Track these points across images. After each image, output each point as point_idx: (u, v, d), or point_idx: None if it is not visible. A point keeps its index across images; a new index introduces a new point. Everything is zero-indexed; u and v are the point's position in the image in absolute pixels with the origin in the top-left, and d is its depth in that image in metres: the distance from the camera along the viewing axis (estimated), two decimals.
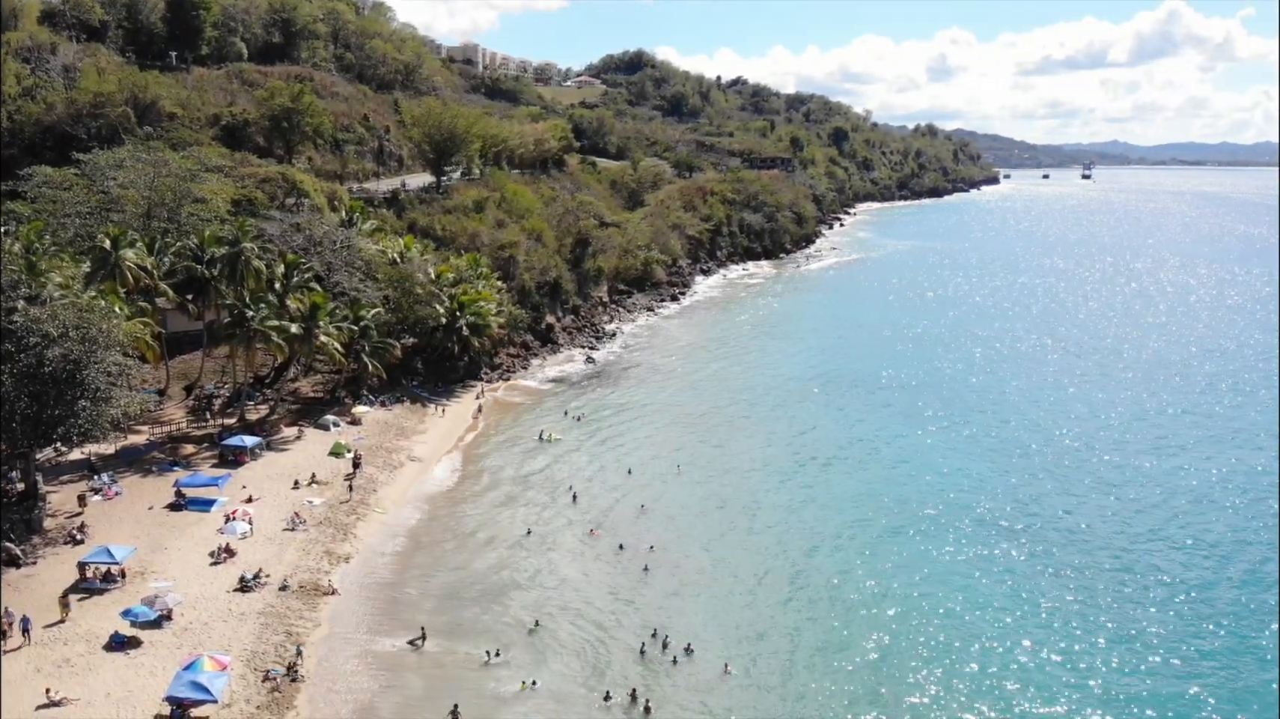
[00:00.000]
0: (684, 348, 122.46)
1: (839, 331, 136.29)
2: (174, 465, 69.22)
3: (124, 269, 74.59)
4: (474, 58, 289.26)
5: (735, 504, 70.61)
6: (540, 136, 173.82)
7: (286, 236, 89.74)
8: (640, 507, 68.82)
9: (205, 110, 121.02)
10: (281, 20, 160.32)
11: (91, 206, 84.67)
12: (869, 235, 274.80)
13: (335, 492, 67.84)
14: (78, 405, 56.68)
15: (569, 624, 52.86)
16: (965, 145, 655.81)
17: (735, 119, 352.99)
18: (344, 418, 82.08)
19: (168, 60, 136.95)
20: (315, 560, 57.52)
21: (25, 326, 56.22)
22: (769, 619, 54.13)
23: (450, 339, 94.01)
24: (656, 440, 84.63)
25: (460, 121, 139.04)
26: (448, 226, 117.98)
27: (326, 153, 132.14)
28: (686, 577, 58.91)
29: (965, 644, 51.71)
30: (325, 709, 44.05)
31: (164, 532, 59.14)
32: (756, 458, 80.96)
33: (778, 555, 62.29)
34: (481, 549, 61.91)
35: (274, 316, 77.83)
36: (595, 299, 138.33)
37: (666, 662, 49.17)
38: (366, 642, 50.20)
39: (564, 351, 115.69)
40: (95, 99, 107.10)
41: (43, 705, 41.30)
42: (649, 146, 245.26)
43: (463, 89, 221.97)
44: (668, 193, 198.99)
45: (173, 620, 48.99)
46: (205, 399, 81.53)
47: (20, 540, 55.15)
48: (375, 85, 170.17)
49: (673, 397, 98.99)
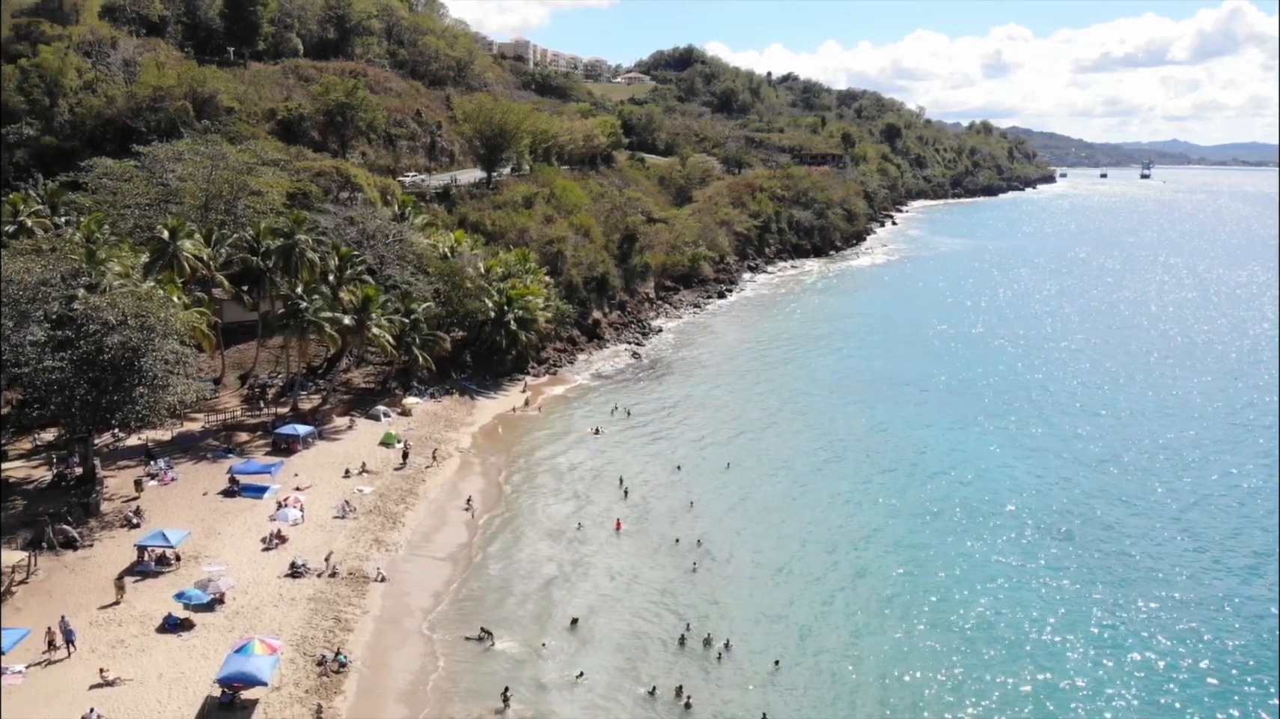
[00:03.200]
0: (731, 345, 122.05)
1: (889, 330, 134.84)
2: (228, 452, 70.59)
3: (182, 259, 76.20)
4: (525, 54, 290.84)
5: (783, 502, 70.24)
6: (589, 133, 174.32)
7: (340, 230, 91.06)
8: (689, 503, 68.79)
9: (262, 105, 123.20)
10: (336, 17, 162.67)
11: (151, 198, 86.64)
12: (921, 233, 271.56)
13: (385, 480, 68.72)
14: (136, 392, 58.02)
15: (618, 618, 53.00)
16: (1021, 143, 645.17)
17: (785, 115, 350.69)
18: (394, 409, 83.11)
19: (225, 55, 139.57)
20: (364, 548, 58.33)
21: (85, 314, 57.78)
22: (816, 618, 53.76)
23: (498, 333, 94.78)
24: (704, 437, 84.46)
25: (511, 118, 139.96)
26: (497, 222, 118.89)
27: (380, 148, 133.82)
28: (734, 573, 58.75)
29: (1020, 651, 50.89)
30: (373, 695, 44.65)
31: (218, 517, 60.34)
32: (806, 457, 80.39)
33: (827, 555, 61.87)
34: (531, 541, 62.31)
35: (327, 308, 78.99)
36: (642, 295, 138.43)
37: (711, 658, 49.14)
38: (414, 630, 50.84)
39: (610, 347, 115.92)
40: (155, 93, 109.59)
41: (97, 685, 42.30)
42: (698, 142, 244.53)
43: (513, 85, 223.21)
44: (716, 189, 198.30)
45: (225, 604, 49.98)
46: (260, 388, 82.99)
47: (78, 523, 56.56)
48: (428, 81, 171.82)
49: (719, 393, 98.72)
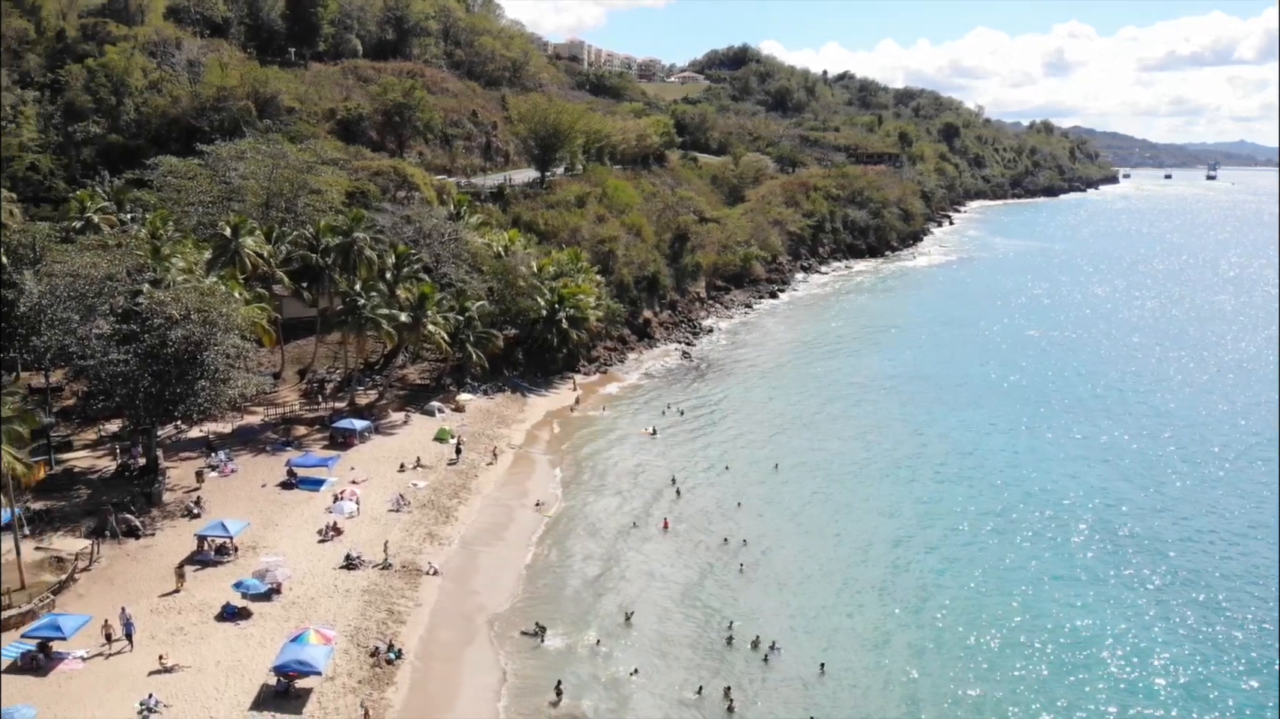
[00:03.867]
0: (782, 345, 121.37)
1: (944, 332, 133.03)
2: (286, 445, 71.87)
3: (243, 256, 77.75)
4: (579, 54, 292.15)
5: (832, 504, 69.73)
6: (642, 132, 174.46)
7: (397, 228, 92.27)
8: (737, 504, 68.58)
9: (322, 105, 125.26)
10: (395, 17, 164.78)
11: (214, 196, 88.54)
12: (979, 234, 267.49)
13: (439, 475, 69.49)
14: (198, 385, 59.42)
15: (667, 616, 53.06)
16: (1083, 143, 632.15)
17: (841, 114, 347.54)
18: (448, 405, 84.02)
19: (287, 56, 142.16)
20: (418, 542, 59.04)
21: (150, 309, 59.29)
22: (863, 622, 53.27)
23: (550, 331, 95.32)
24: (753, 437, 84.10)
25: (564, 118, 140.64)
26: (550, 221, 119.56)
27: (436, 147, 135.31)
28: (781, 575, 58.43)
29: (1075, 662, 49.88)
30: (424, 688, 45.16)
31: (275, 509, 61.49)
32: (855, 458, 79.71)
33: (875, 558, 61.22)
34: (582, 538, 62.59)
35: (384, 305, 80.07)
36: (693, 295, 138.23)
37: (758, 659, 48.96)
38: (466, 623, 51.33)
39: (660, 346, 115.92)
40: (218, 93, 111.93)
41: (156, 671, 43.26)
42: (751, 141, 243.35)
43: (568, 85, 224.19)
44: (769, 188, 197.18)
45: (281, 594, 50.89)
46: (318, 383, 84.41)
47: (140, 512, 58.02)
48: (483, 81, 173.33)
49: (770, 394, 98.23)
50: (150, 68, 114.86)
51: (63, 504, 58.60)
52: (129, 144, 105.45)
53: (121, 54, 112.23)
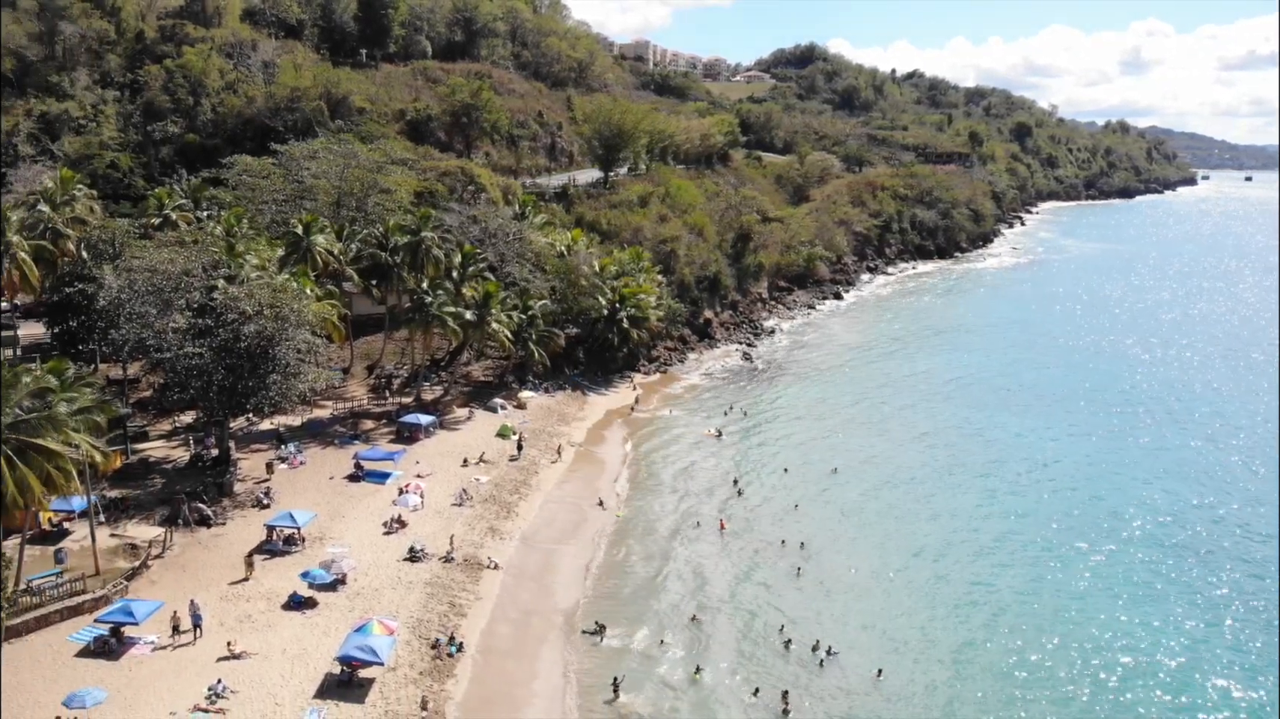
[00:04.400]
0: (845, 347, 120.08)
1: (1013, 336, 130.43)
2: (354, 439, 73.24)
3: (315, 254, 79.45)
4: (645, 54, 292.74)
5: (891, 510, 68.87)
6: (706, 131, 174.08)
7: (464, 228, 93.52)
8: (794, 506, 68.17)
9: (392, 105, 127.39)
10: (464, 19, 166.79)
11: (287, 194, 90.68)
12: (1051, 235, 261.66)
13: (501, 471, 70.23)
14: (269, 379, 60.89)
15: (725, 617, 53.02)
16: (1160, 143, 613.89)
17: (910, 113, 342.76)
18: (510, 402, 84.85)
19: (358, 57, 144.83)
20: (479, 536, 59.73)
21: (224, 304, 60.89)
22: (920, 629, 52.60)
23: (610, 330, 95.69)
24: (813, 439, 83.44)
25: (629, 118, 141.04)
26: (612, 220, 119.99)
27: (503, 148, 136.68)
28: (838, 579, 57.95)
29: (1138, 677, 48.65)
30: (483, 681, 45.65)
31: (342, 500, 62.70)
32: (917, 462, 78.62)
33: (934, 564, 60.36)
34: (642, 537, 62.76)
35: (450, 303, 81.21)
36: (755, 295, 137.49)
37: (814, 663, 48.65)
38: (526, 619, 51.79)
39: (721, 347, 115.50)
40: (292, 93, 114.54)
41: (224, 658, 44.43)
42: (817, 140, 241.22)
43: (632, 85, 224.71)
44: (835, 187, 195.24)
45: (346, 584, 51.88)
46: (385, 378, 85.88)
47: (212, 502, 59.61)
48: (550, 82, 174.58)
49: (831, 396, 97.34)
50: (226, 69, 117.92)
51: (138, 493, 60.51)
52: (205, 143, 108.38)
53: (199, 55, 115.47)
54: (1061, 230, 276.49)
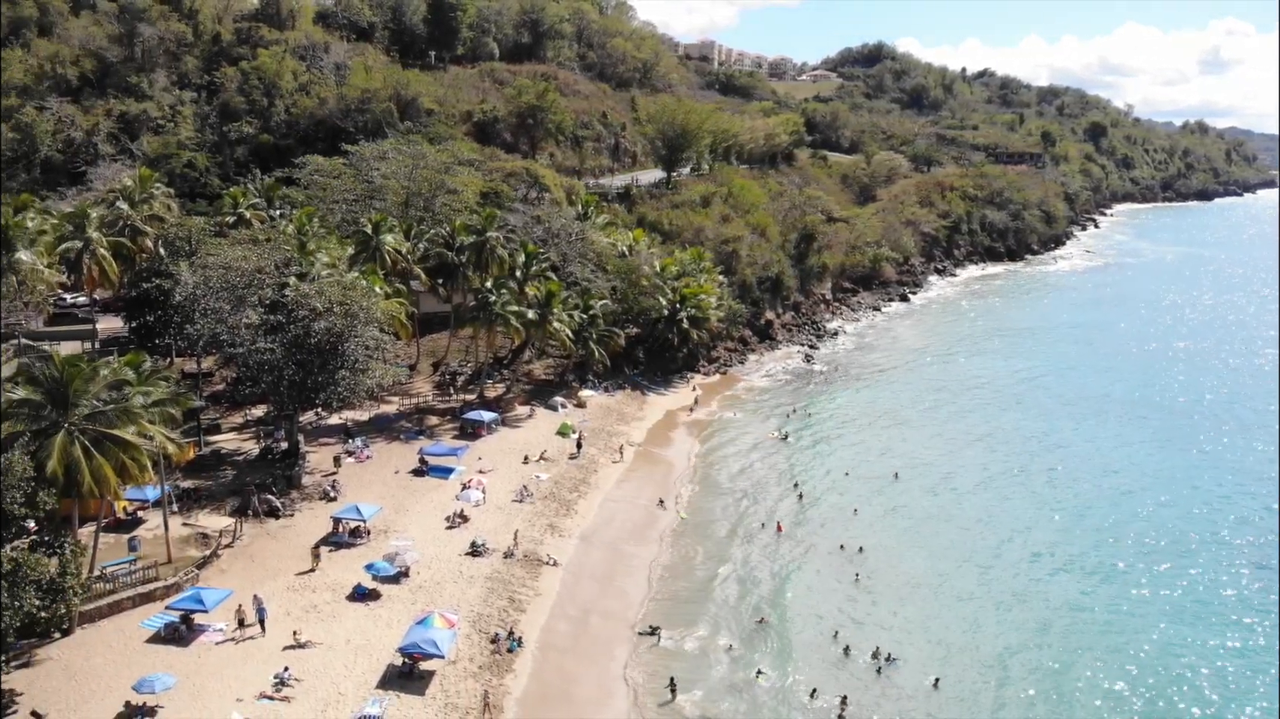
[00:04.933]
0: (910, 350, 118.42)
1: (1083, 341, 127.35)
2: (419, 434, 74.31)
3: (383, 253, 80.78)
4: (710, 54, 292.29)
5: (952, 516, 67.87)
6: (770, 131, 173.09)
7: (528, 228, 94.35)
8: (854, 510, 67.58)
9: (459, 107, 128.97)
10: (530, 21, 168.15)
11: (357, 194, 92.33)
12: (1126, 238, 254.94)
13: (560, 469, 70.69)
14: (338, 374, 62.11)
15: (784, 620, 52.76)
16: (1239, 144, 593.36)
17: (980, 112, 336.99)
18: (570, 400, 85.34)
19: (427, 59, 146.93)
20: (539, 532, 60.21)
21: (296, 301, 62.23)
22: (977, 638, 51.83)
23: (670, 330, 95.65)
24: (875, 444, 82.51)
25: (692, 118, 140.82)
26: (674, 221, 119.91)
27: (567, 149, 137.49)
28: (899, 586, 57.33)
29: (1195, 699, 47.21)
30: (542, 676, 46.02)
31: (406, 494, 63.66)
32: (979, 469, 77.31)
33: (994, 573, 59.42)
34: (701, 538, 62.68)
35: (513, 302, 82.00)
36: (818, 296, 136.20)
37: (871, 669, 48.18)
38: (583, 617, 52.07)
39: (782, 348, 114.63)
40: (363, 95, 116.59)
41: (290, 646, 45.38)
42: (884, 140, 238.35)
43: (697, 85, 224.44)
44: (903, 187, 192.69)
45: (409, 577, 52.66)
46: (450, 375, 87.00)
47: (281, 494, 60.94)
48: (614, 83, 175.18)
49: (894, 400, 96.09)
50: (300, 70, 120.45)
51: (209, 483, 62.16)
52: (279, 143, 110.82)
53: (273, 57, 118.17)
54: (1136, 233, 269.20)
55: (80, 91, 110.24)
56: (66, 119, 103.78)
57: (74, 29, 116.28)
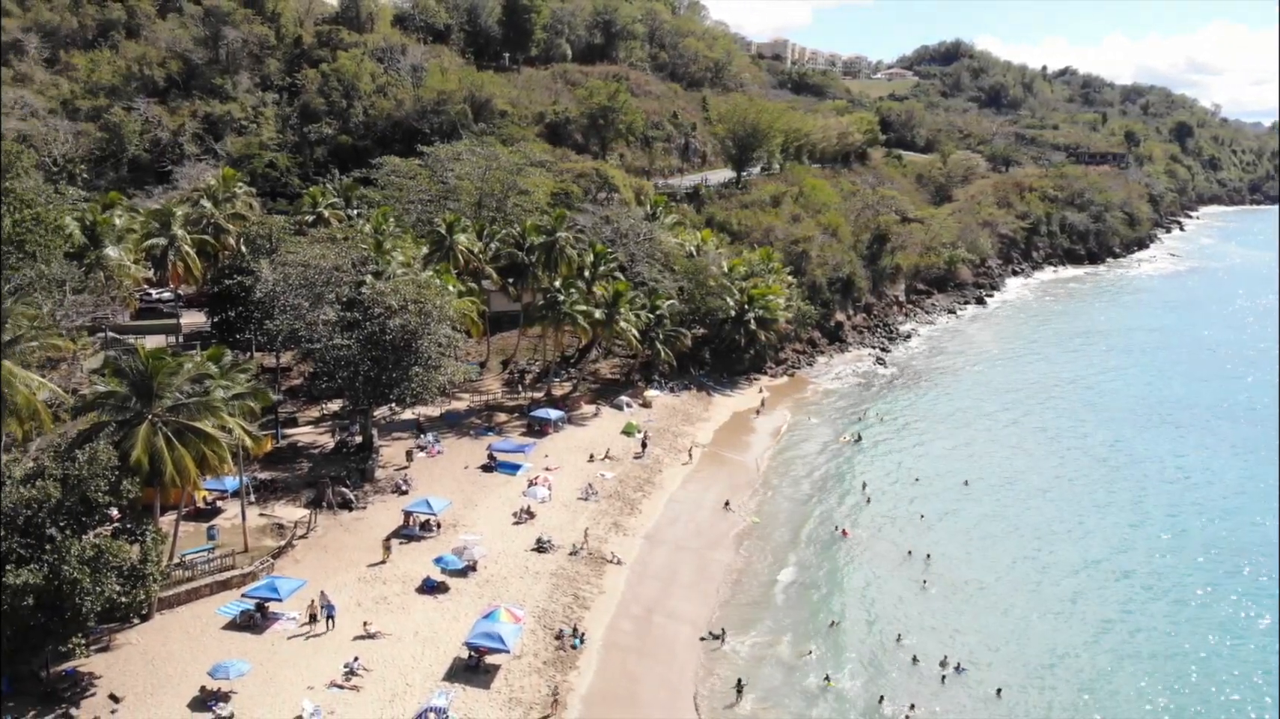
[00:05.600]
0: (985, 354, 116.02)
1: (1167, 346, 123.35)
2: (488, 431, 75.14)
3: (456, 252, 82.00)
4: (782, 53, 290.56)
5: (1022, 526, 66.45)
6: (843, 130, 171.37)
7: (597, 228, 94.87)
8: (920, 516, 66.59)
9: (532, 108, 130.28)
10: (603, 22, 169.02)
11: (431, 195, 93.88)
12: (1212, 241, 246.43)
13: (625, 468, 70.89)
14: (411, 371, 63.15)
15: (851, 626, 52.30)
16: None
17: (1061, 111, 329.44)
18: (636, 400, 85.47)
19: (501, 61, 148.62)
20: (604, 531, 60.39)
21: (371, 298, 63.47)
22: (1043, 649, 50.80)
23: (738, 331, 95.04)
24: (946, 450, 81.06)
25: (764, 117, 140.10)
26: (744, 220, 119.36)
27: (637, 149, 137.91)
28: (966, 594, 56.37)
29: None
30: (607, 674, 46.16)
31: (475, 490, 64.41)
32: (1053, 478, 75.46)
33: (1065, 585, 58.03)
34: (767, 541, 62.30)
35: (581, 301, 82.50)
36: (890, 298, 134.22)
37: (936, 677, 47.45)
38: (647, 618, 52.07)
39: (852, 351, 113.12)
40: (438, 96, 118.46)
41: (360, 636, 46.23)
42: (961, 139, 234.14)
43: (769, 85, 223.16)
44: (980, 187, 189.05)
45: (476, 571, 53.27)
46: (518, 373, 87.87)
47: (355, 487, 62.11)
48: (685, 83, 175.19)
49: (967, 405, 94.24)
50: (377, 72, 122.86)
51: (286, 475, 63.61)
52: (357, 144, 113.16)
53: (352, 60, 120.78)
54: (1223, 235, 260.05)
55: (167, 93, 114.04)
56: (154, 119, 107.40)
57: (161, 31, 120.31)
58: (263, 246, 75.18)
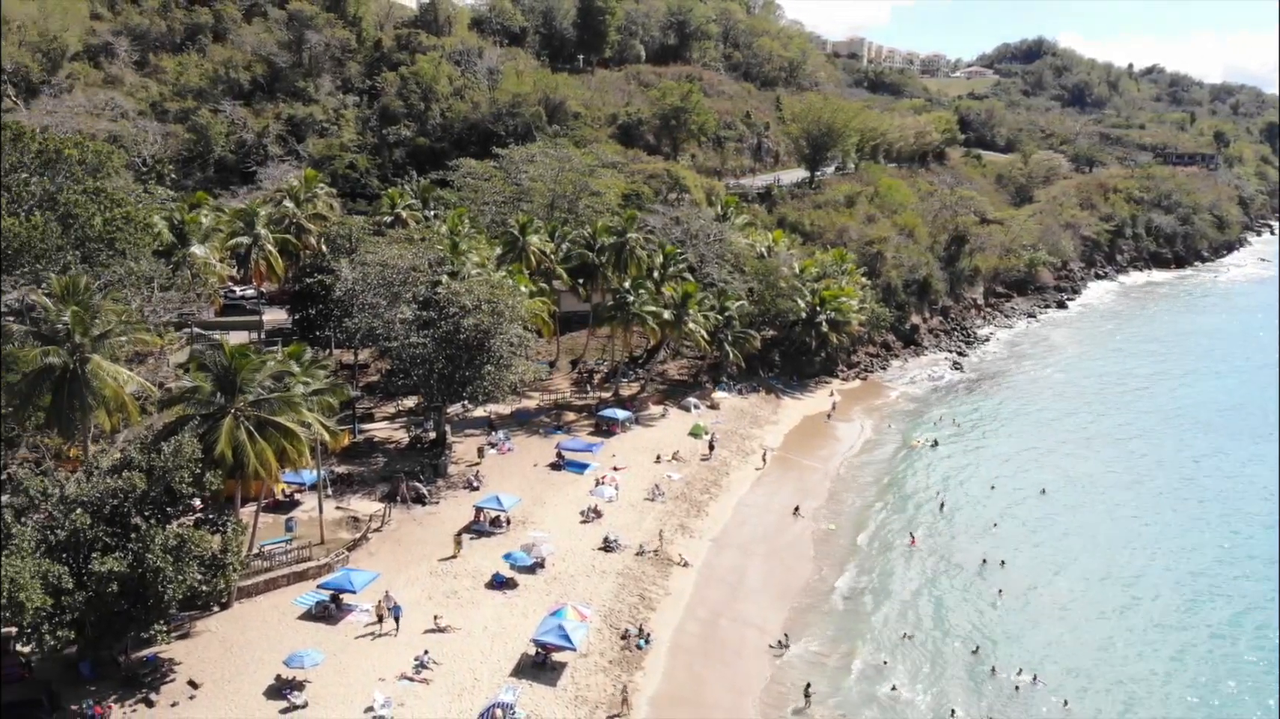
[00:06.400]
0: (1066, 360, 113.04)
1: (1252, 355, 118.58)
2: (557, 430, 75.72)
3: (529, 253, 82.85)
4: (859, 52, 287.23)
5: (1101, 537, 64.72)
6: (921, 129, 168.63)
7: (667, 229, 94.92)
8: (993, 524, 65.35)
9: (605, 110, 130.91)
10: (677, 23, 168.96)
11: (505, 196, 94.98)
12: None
13: (692, 470, 70.78)
14: (484, 369, 64.13)
15: (922, 634, 51.59)
16: None
17: (1147, 110, 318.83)
18: (704, 401, 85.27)
19: (575, 63, 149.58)
20: (670, 532, 60.30)
21: (447, 298, 64.58)
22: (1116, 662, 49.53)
23: (808, 333, 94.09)
24: (1023, 457, 79.27)
25: (839, 116, 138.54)
26: (816, 221, 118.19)
27: (708, 149, 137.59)
28: (1041, 605, 55.23)
29: None
30: (674, 676, 46.18)
31: (544, 488, 64.98)
32: (1133, 487, 73.36)
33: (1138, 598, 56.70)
34: (836, 547, 61.73)
35: (650, 302, 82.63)
36: (968, 301, 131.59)
37: (1010, 688, 46.51)
38: (714, 621, 51.98)
39: (928, 354, 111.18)
40: (513, 99, 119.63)
41: (430, 630, 46.98)
42: (1043, 139, 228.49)
43: (845, 83, 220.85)
44: (1062, 188, 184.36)
45: (544, 568, 53.74)
46: (587, 373, 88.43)
47: (428, 482, 63.20)
48: (759, 83, 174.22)
49: (1046, 412, 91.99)
50: (455, 75, 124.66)
51: (362, 470, 64.99)
52: (434, 146, 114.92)
53: (430, 62, 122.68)
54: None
55: (252, 95, 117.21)
56: (239, 121, 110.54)
57: (246, 35, 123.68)
58: (342, 246, 76.80)
